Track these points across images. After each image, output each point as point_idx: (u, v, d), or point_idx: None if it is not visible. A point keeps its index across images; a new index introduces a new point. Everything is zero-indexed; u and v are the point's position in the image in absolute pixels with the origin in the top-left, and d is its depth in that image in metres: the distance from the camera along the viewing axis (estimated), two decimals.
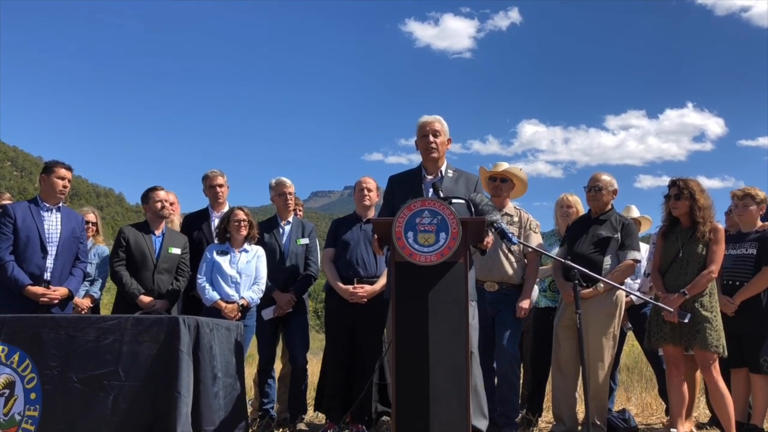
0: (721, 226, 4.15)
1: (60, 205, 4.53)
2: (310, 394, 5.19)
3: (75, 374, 3.28)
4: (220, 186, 5.18)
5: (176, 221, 5.36)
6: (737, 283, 4.26)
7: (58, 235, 4.43)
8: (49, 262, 4.38)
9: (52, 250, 4.39)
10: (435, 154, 3.75)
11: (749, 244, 4.28)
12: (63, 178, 4.48)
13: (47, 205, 4.47)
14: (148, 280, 4.71)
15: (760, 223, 4.34)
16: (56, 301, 4.37)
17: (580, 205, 5.09)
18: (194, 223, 5.17)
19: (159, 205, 4.82)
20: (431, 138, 3.72)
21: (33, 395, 3.29)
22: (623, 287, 4.17)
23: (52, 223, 4.45)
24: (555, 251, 4.75)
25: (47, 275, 4.37)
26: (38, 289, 4.30)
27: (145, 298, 4.66)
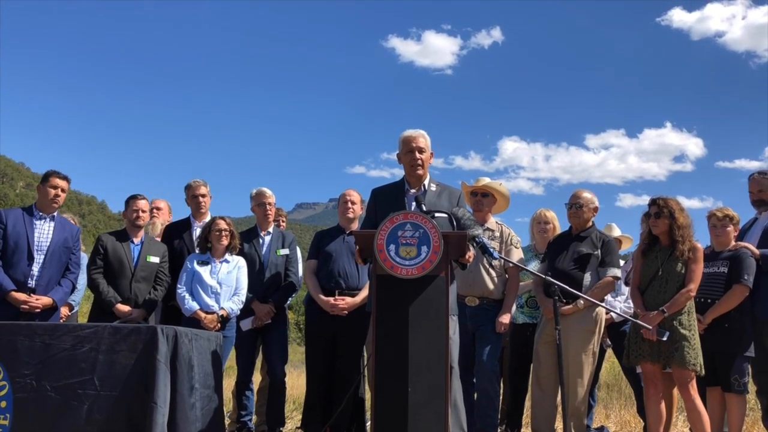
0: (700, 245, 4.20)
1: (55, 214, 4.53)
2: (289, 407, 5.15)
3: (49, 383, 3.24)
4: (203, 196, 5.15)
5: (159, 227, 5.31)
6: (709, 300, 4.30)
7: (48, 244, 4.43)
8: (35, 270, 4.36)
9: (39, 257, 4.38)
10: (420, 171, 3.77)
11: (721, 263, 4.34)
12: (56, 187, 4.48)
13: (41, 213, 4.48)
14: (125, 288, 4.67)
15: (733, 243, 4.41)
16: (37, 310, 4.33)
17: (557, 221, 5.14)
18: (176, 232, 5.13)
19: (134, 214, 4.79)
20: (417, 155, 3.74)
21: (3, 403, 3.24)
22: (603, 304, 4.20)
23: (43, 232, 4.45)
24: (531, 266, 4.77)
25: (32, 283, 4.35)
26: (21, 296, 4.28)
27: (122, 307, 4.61)
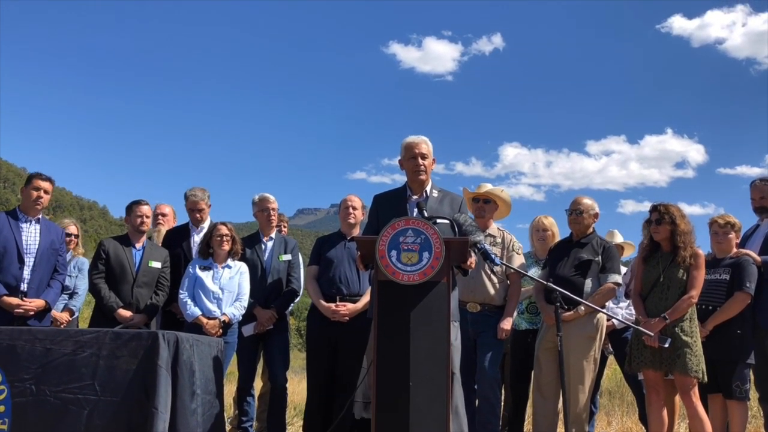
0: (702, 252, 4.20)
1: (39, 217, 4.51)
2: (290, 413, 5.14)
3: (49, 387, 3.23)
4: (200, 210, 5.07)
5: (163, 234, 5.29)
6: (710, 307, 4.31)
7: (36, 247, 4.41)
8: (26, 273, 4.35)
9: (29, 261, 4.36)
10: (423, 176, 3.78)
11: (723, 270, 4.34)
12: (38, 189, 4.45)
13: (26, 216, 4.45)
14: (126, 293, 4.67)
15: (735, 250, 4.41)
16: (31, 313, 4.33)
17: (556, 228, 5.13)
18: (174, 239, 5.11)
19: (139, 220, 4.79)
20: (420, 161, 3.75)
21: (2, 408, 3.23)
22: (604, 311, 4.19)
23: (31, 235, 4.42)
24: (531, 273, 4.77)
25: (23, 286, 4.34)
26: (13, 300, 4.27)
27: (124, 312, 4.61)
